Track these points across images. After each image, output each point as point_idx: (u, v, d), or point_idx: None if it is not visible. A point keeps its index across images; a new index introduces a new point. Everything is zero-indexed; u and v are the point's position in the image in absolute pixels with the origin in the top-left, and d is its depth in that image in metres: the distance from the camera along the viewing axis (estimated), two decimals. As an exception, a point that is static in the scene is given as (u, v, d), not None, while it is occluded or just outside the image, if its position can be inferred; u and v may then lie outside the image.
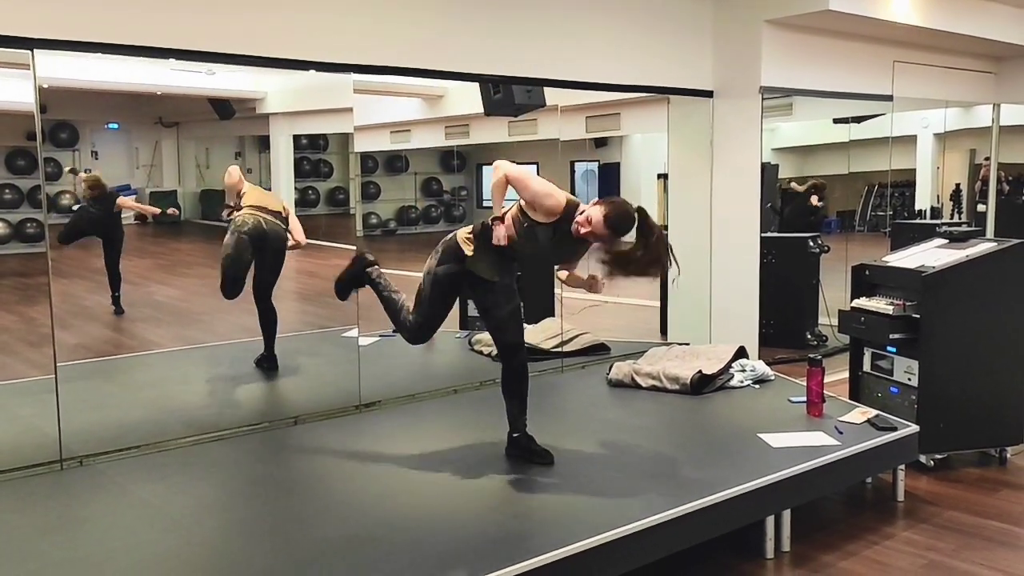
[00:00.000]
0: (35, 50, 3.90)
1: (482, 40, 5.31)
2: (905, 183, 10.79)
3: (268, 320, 5.75)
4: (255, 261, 5.67)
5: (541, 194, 3.79)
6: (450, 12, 5.17)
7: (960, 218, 10.42)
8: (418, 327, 4.09)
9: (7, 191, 9.46)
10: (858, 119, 8.50)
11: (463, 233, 3.96)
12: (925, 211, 10.26)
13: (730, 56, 6.30)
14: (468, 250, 3.92)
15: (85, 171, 7.65)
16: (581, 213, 3.76)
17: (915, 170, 10.55)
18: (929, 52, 7.35)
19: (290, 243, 5.82)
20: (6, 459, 4.05)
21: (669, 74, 6.23)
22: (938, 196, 10.71)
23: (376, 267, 4.28)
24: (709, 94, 6.41)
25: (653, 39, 6.11)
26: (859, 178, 9.95)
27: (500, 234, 3.82)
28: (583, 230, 3.73)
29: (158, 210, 7.69)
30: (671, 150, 6.83)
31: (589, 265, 4.12)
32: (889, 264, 5.12)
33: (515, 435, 4.08)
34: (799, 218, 9.57)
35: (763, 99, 6.20)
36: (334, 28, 4.73)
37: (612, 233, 3.73)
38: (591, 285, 3.94)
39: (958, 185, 10.79)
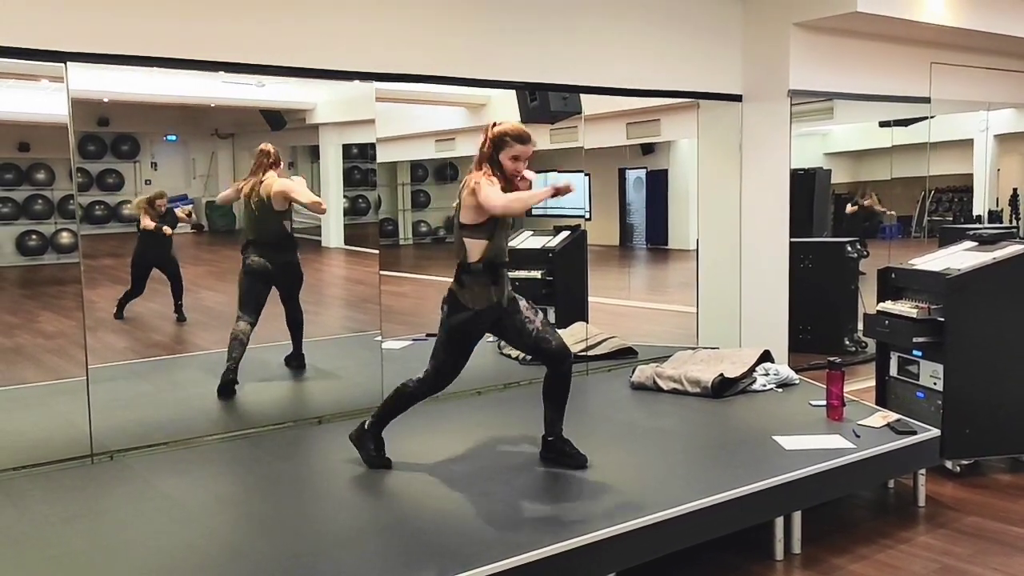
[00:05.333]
0: (68, 63, 4.09)
1: (514, 48, 5.41)
2: (964, 188, 10.59)
3: (294, 319, 5.90)
4: None
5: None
6: (483, 21, 5.28)
7: (1018, 223, 10.19)
8: (432, 372, 4.01)
9: (70, 202, 9.82)
10: (905, 122, 8.37)
11: (453, 284, 3.96)
12: (983, 216, 10.05)
13: (758, 60, 6.30)
14: (460, 292, 3.90)
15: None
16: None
17: (972, 175, 10.35)
18: (969, 53, 7.21)
19: None
20: (41, 453, 4.27)
21: (698, 78, 6.25)
22: (997, 200, 10.47)
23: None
24: (738, 98, 6.40)
25: (682, 44, 6.14)
26: (916, 183, 9.79)
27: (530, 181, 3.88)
28: (519, 173, 3.84)
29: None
30: (700, 154, 6.84)
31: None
32: (915, 267, 5.06)
33: (550, 439, 4.11)
34: (854, 224, 9.49)
35: (792, 103, 6.17)
36: (371, 40, 4.88)
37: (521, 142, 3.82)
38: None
39: (1015, 190, 10.54)
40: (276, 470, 4.23)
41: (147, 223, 7.33)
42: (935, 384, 4.78)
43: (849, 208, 9.68)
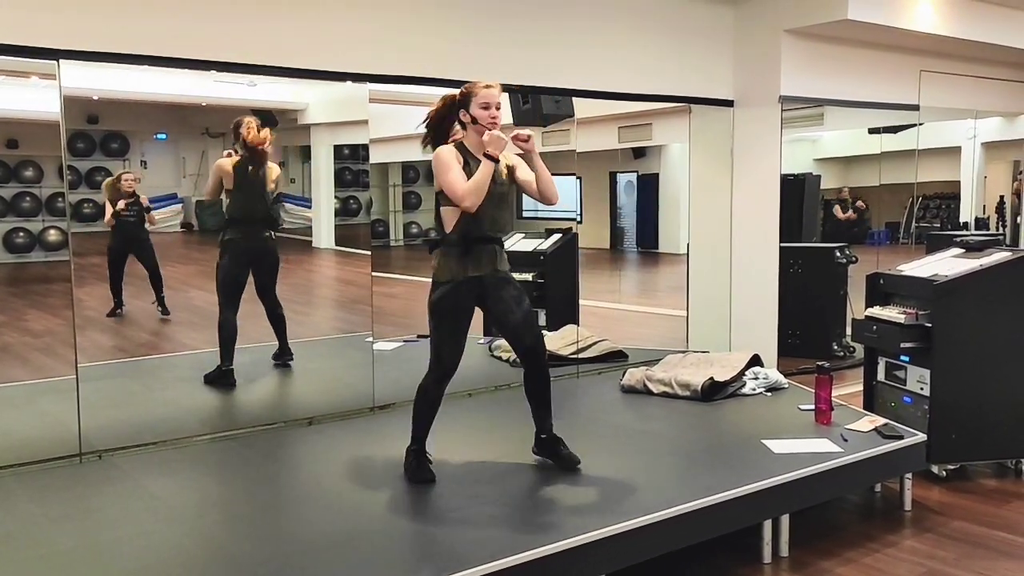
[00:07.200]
0: (61, 60, 4.08)
1: (506, 50, 5.43)
2: (951, 195, 10.66)
3: (275, 315, 5.93)
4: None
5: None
6: (477, 24, 5.31)
7: (1004, 230, 10.26)
8: (432, 361, 3.92)
9: (58, 200, 9.79)
10: (894, 129, 8.41)
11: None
12: (970, 223, 10.12)
13: (750, 65, 6.34)
14: (437, 267, 3.87)
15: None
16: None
17: (959, 182, 10.42)
18: (958, 61, 7.26)
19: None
20: (29, 452, 4.26)
21: (690, 83, 6.28)
22: (984, 208, 10.55)
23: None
24: (729, 103, 6.44)
25: (674, 49, 6.17)
26: (904, 189, 9.86)
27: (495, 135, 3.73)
28: (495, 121, 3.76)
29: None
30: (692, 159, 6.88)
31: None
32: (903, 273, 5.09)
33: (543, 436, 4.10)
34: (840, 230, 9.56)
35: (783, 108, 6.20)
36: (364, 41, 4.89)
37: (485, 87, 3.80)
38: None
39: (1002, 197, 10.62)
40: (266, 471, 4.23)
41: (109, 213, 7.33)
42: (922, 389, 4.81)
43: (841, 215, 9.75)
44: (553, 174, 3.98)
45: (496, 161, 3.75)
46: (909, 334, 4.79)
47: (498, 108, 3.81)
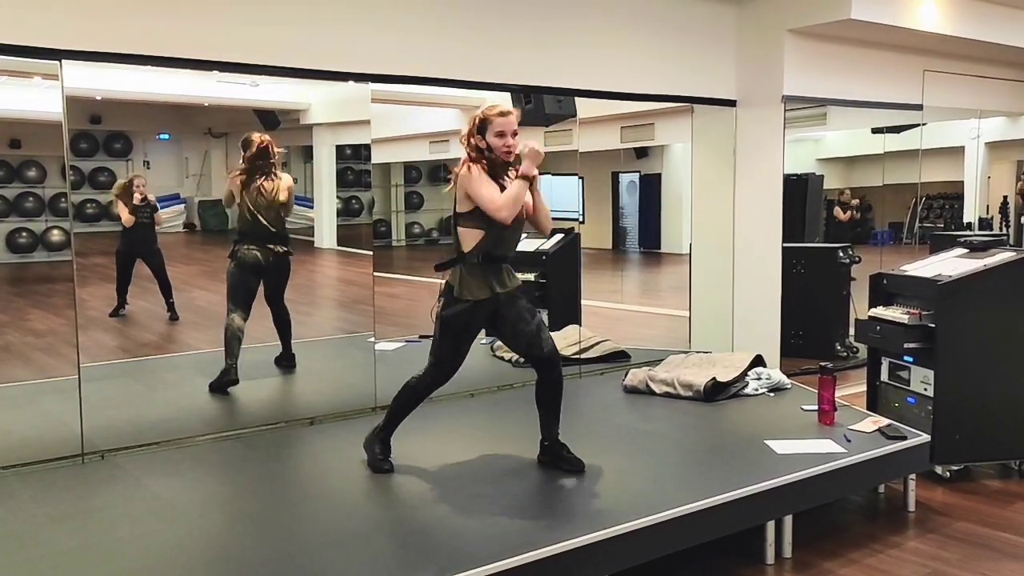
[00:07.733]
0: (63, 60, 4.08)
1: (508, 50, 5.43)
2: (955, 195, 10.64)
3: (281, 320, 5.93)
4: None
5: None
6: (480, 24, 5.30)
7: (1008, 231, 10.24)
8: (432, 367, 3.98)
9: (62, 200, 9.80)
10: (897, 129, 8.40)
11: (450, 275, 3.93)
12: (974, 223, 10.11)
13: (753, 65, 6.32)
14: (456, 284, 3.86)
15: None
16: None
17: (963, 182, 10.40)
18: (961, 61, 7.24)
19: None
20: (31, 452, 4.25)
21: (692, 83, 6.27)
22: (987, 208, 10.53)
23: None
24: (732, 103, 6.43)
25: (677, 49, 6.16)
26: (908, 189, 9.84)
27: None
28: (510, 149, 3.78)
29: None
30: (694, 159, 6.87)
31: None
32: (906, 273, 5.08)
33: (546, 443, 4.10)
34: (843, 230, 9.56)
35: (785, 108, 6.19)
36: (366, 41, 4.88)
37: (500, 115, 3.82)
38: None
39: (1005, 197, 10.60)
40: (268, 470, 4.22)
41: (125, 217, 7.33)
42: (926, 390, 4.80)
43: (842, 215, 9.77)
44: (555, 174, 3.98)
45: (529, 179, 3.75)
46: (913, 334, 4.78)
47: (514, 136, 3.82)
